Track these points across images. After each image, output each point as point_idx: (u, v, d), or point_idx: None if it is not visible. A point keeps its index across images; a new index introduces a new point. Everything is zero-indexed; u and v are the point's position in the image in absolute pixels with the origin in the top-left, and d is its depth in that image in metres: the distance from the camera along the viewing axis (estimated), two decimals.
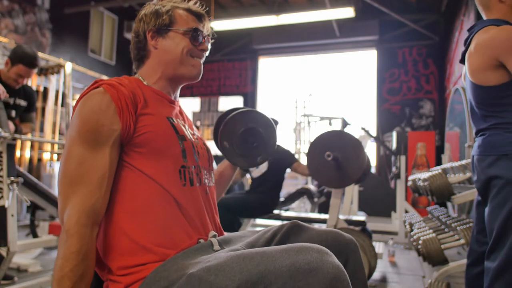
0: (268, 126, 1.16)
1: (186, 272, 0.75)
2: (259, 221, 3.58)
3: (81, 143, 0.83)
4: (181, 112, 1.07)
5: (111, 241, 0.85)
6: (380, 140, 6.94)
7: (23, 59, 2.38)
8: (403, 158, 4.19)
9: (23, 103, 2.55)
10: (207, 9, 1.06)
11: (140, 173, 0.87)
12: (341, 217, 2.70)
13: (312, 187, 4.29)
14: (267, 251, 0.74)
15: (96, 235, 0.83)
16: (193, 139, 1.00)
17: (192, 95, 9.28)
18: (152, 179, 0.86)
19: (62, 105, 4.25)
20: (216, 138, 1.19)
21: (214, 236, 0.93)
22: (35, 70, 2.46)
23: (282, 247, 0.74)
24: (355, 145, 2.29)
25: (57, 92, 4.10)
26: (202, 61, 1.03)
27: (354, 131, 5.20)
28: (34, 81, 3.90)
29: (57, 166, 4.53)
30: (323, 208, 4.18)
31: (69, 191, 0.81)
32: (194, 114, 9.12)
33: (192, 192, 0.92)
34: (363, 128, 4.38)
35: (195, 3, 1.05)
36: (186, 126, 1.03)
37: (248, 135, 1.13)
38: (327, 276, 0.67)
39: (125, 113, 0.85)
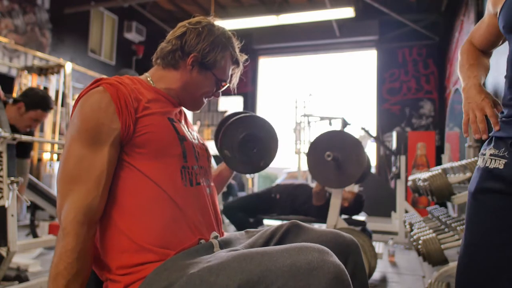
0: (267, 129, 1.15)
1: (187, 272, 0.74)
2: (266, 221, 3.61)
3: (81, 142, 0.83)
4: (181, 111, 1.06)
5: (110, 240, 0.85)
6: (380, 140, 6.93)
7: (41, 104, 2.27)
8: (403, 158, 4.19)
9: None
10: (247, 58, 1.12)
11: (140, 174, 0.86)
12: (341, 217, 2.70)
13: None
14: (268, 251, 0.74)
15: (93, 234, 0.83)
16: (193, 139, 1.00)
17: None
18: (151, 180, 0.86)
19: (62, 105, 4.24)
20: (217, 148, 1.18)
21: (216, 237, 0.93)
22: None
23: (283, 247, 0.74)
24: (355, 145, 2.29)
25: (57, 92, 4.10)
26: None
27: (354, 131, 5.20)
28: (34, 81, 3.89)
29: (57, 166, 4.52)
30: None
31: (67, 189, 0.81)
32: (194, 114, 9.10)
33: (193, 192, 0.91)
34: (363, 128, 4.38)
35: (240, 52, 1.09)
36: (186, 126, 1.03)
37: (247, 141, 1.12)
38: (327, 275, 0.67)
39: (124, 112, 0.85)
